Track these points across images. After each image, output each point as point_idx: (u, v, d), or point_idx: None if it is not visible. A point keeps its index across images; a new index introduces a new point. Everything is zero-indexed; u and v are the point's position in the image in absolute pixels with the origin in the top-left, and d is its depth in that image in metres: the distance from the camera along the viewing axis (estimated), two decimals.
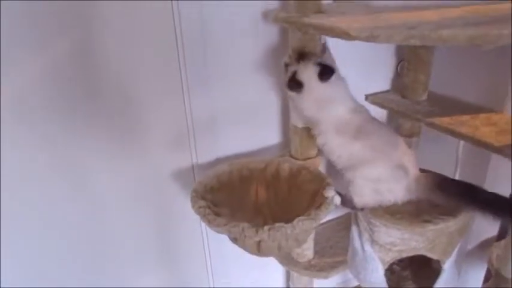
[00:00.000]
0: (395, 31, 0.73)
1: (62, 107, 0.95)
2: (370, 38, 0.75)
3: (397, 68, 1.35)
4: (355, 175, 0.92)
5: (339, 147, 0.94)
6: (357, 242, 1.13)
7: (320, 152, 1.20)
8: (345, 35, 0.79)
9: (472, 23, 0.75)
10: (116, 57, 0.97)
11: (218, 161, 1.21)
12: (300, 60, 0.95)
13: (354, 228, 1.13)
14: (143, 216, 1.19)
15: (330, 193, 0.94)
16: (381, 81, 1.38)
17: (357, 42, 0.77)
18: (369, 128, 0.93)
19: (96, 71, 0.96)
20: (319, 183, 1.02)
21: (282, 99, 1.23)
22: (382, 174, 0.90)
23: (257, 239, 0.88)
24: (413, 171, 0.91)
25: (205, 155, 1.19)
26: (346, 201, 0.97)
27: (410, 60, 1.22)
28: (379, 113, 1.41)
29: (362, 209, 0.99)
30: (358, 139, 0.91)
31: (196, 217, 0.94)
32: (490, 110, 1.13)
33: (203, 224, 1.23)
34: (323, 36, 1.04)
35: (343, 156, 0.94)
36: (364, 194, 0.93)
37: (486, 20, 0.76)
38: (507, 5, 0.89)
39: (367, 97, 1.33)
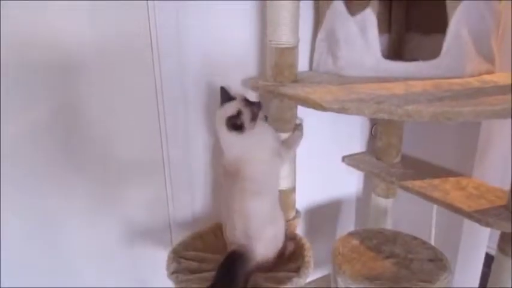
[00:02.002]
0: (364, 105, 0.78)
1: (45, 164, 0.96)
2: (342, 110, 0.80)
3: (371, 131, 1.41)
4: None
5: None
6: None
7: (298, 213, 1.21)
8: (318, 107, 0.83)
9: (434, 98, 0.81)
10: (99, 120, 0.99)
11: (196, 219, 1.19)
12: (242, 100, 0.93)
13: None
14: (118, 272, 1.14)
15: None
16: (357, 142, 1.43)
17: None
18: (230, 180, 0.92)
19: (80, 130, 0.98)
20: (296, 244, 1.02)
21: None
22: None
23: None
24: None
25: (183, 213, 1.18)
26: None
27: (382, 125, 1.28)
28: (356, 173, 1.45)
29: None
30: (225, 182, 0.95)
31: None
32: (459, 174, 1.18)
33: None
34: (299, 117, 1.09)
35: None
36: None
37: (447, 96, 0.82)
38: (465, 81, 0.96)
39: (343, 158, 1.37)
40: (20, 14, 0.84)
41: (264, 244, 0.92)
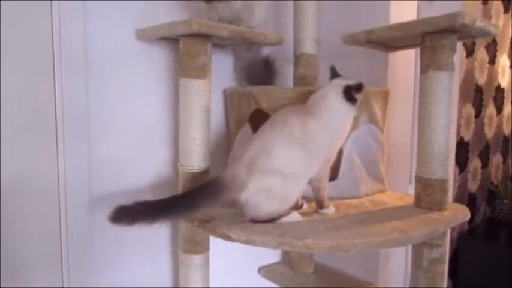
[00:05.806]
0: (268, 238, 0.81)
1: None
2: (249, 242, 0.83)
3: None
4: None
5: None
6: None
7: None
8: (227, 238, 0.85)
9: (332, 226, 0.87)
10: None
11: None
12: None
13: None
14: None
15: None
16: (273, 251, 1.45)
17: None
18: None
19: None
20: None
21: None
22: None
23: None
24: None
25: None
26: None
27: None
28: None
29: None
30: None
31: None
32: (367, 283, 1.24)
33: None
34: None
35: None
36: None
37: (343, 224, 0.89)
38: (360, 201, 1.07)
39: (259, 270, 1.37)
40: None
41: (255, 191, 0.86)
